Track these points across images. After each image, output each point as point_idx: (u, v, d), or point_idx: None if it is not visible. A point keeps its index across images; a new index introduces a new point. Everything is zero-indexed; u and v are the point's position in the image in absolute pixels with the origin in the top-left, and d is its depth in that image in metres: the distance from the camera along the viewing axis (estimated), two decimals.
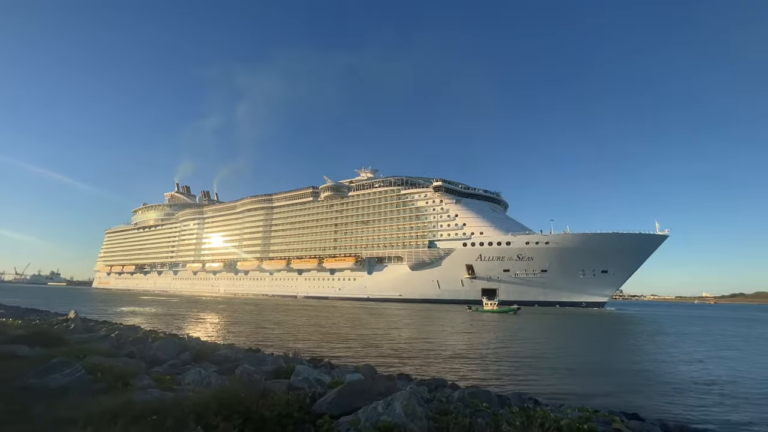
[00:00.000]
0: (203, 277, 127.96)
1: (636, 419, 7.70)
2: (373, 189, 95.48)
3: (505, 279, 75.25)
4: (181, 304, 55.90)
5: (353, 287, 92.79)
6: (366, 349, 18.63)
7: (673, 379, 14.12)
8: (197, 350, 10.40)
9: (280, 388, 5.75)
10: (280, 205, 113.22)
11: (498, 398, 8.01)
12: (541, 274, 72.98)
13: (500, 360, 17.13)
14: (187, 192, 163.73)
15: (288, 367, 7.78)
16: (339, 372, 9.07)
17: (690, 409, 10.42)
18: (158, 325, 26.29)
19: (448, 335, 26.66)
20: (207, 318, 36.10)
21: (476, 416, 5.18)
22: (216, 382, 6.17)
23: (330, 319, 37.52)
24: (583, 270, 71.17)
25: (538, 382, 12.97)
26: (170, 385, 5.90)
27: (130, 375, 6.06)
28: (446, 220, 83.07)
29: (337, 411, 4.85)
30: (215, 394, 4.70)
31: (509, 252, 73.98)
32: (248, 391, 4.89)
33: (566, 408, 7.54)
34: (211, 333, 24.89)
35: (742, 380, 14.37)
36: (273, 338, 22.86)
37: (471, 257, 77.19)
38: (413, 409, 4.49)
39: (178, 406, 4.46)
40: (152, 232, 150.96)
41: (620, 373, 15.21)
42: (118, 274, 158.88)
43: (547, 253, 71.45)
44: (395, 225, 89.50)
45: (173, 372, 7.18)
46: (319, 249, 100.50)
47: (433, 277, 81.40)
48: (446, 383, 10.17)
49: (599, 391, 12.00)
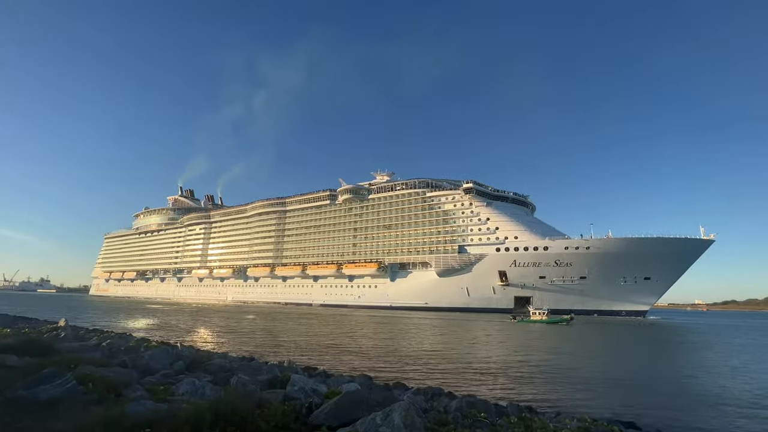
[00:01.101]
0: (210, 284, 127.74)
1: (633, 428, 7.70)
2: (395, 192, 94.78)
3: (541, 286, 73.41)
4: (210, 314, 56.18)
5: (374, 295, 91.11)
6: (412, 368, 18.15)
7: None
8: (191, 359, 10.39)
9: (276, 399, 5.75)
10: (294, 209, 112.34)
11: (495, 407, 7.96)
12: (579, 281, 71.21)
13: (591, 382, 16.08)
14: (190, 196, 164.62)
15: (283, 376, 7.77)
16: (335, 381, 9.07)
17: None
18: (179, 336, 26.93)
19: (501, 350, 25.94)
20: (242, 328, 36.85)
21: (475, 427, 5.17)
22: (211, 393, 6.15)
23: (360, 329, 37.79)
24: (625, 277, 69.19)
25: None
26: (164, 395, 5.87)
27: (123, 385, 6.01)
28: (477, 224, 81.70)
29: (335, 422, 4.86)
30: (210, 405, 4.66)
31: (546, 258, 72.27)
32: (244, 402, 4.84)
33: (564, 417, 7.57)
34: (207, 341, 24.10)
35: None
36: (290, 349, 23.51)
37: (504, 263, 75.51)
38: (412, 420, 4.52)
39: (172, 418, 4.42)
40: (155, 237, 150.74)
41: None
42: (118, 281, 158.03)
43: (588, 258, 69.71)
44: (420, 229, 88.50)
45: (167, 382, 7.15)
46: (337, 254, 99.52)
47: (462, 284, 79.34)
48: (443, 392, 10.15)
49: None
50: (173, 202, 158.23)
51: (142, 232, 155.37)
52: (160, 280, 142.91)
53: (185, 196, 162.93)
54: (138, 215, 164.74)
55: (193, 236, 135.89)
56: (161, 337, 23.55)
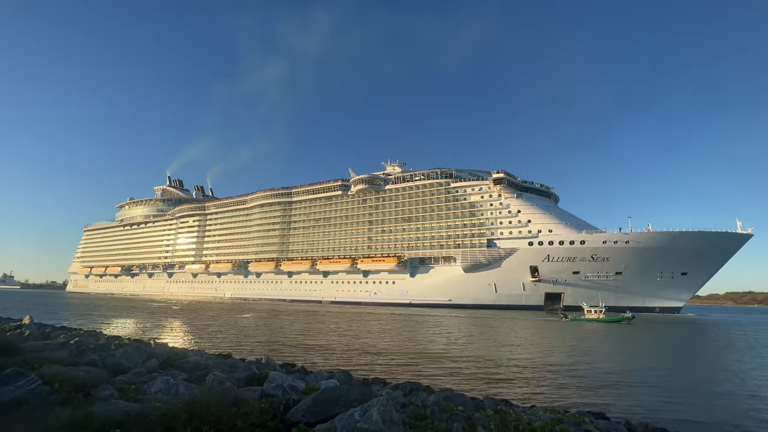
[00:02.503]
0: (205, 280, 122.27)
1: (603, 419, 8.02)
2: (414, 182, 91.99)
3: (574, 282, 72.15)
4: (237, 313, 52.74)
5: (391, 291, 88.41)
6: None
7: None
8: (165, 357, 10.23)
9: (253, 396, 5.72)
10: (301, 200, 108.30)
11: (472, 401, 8.09)
12: (614, 276, 70.10)
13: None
14: (180, 186, 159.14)
15: (261, 373, 7.69)
16: (314, 378, 9.05)
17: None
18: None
19: (580, 355, 23.49)
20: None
21: (452, 420, 5.25)
22: (185, 392, 6.04)
23: (401, 331, 35.30)
24: (662, 272, 68.37)
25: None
26: (135, 395, 5.75)
27: (92, 385, 5.84)
28: (507, 216, 79.14)
29: (313, 419, 4.88)
30: (184, 404, 4.57)
31: (582, 252, 70.67)
32: (219, 401, 4.76)
33: (538, 410, 7.76)
34: (181, 338, 23.41)
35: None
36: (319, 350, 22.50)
37: (537, 258, 73.45)
38: (390, 416, 4.58)
39: (144, 418, 4.32)
40: (142, 230, 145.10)
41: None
42: (99, 277, 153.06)
43: (625, 253, 68.55)
44: (444, 222, 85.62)
45: (139, 381, 7.00)
46: (350, 249, 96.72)
47: (490, 280, 77.06)
48: (421, 387, 10.21)
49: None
50: (162, 193, 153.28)
51: (128, 224, 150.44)
52: (148, 275, 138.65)
53: (174, 186, 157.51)
54: (122, 206, 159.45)
55: (186, 229, 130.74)
56: (136, 335, 22.63)
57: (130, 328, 32.70)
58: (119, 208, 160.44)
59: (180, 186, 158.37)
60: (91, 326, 29.36)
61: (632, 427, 8.31)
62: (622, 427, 7.78)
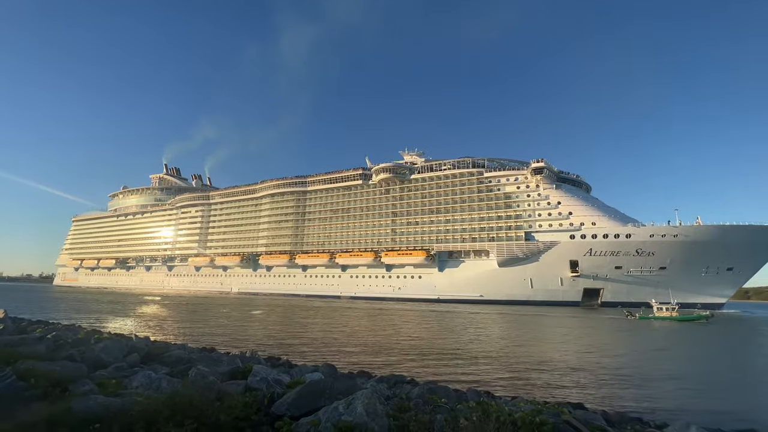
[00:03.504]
0: (209, 273, 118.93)
1: (581, 409, 8.22)
2: (442, 171, 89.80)
3: (615, 277, 70.78)
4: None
5: (417, 286, 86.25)
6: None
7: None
8: (146, 351, 10.19)
9: (237, 390, 5.73)
10: (317, 189, 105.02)
11: (455, 393, 8.20)
12: (658, 271, 68.69)
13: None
14: (177, 174, 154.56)
15: (245, 367, 7.69)
16: (298, 371, 9.09)
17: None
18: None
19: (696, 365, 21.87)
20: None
21: (435, 412, 5.37)
22: (167, 386, 6.02)
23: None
24: (707, 267, 67.17)
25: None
26: (116, 389, 5.71)
27: (70, 380, 5.76)
28: (546, 208, 77.07)
29: (297, 412, 4.93)
30: (166, 398, 4.57)
31: (627, 246, 69.13)
32: (202, 395, 4.73)
33: (519, 401, 7.93)
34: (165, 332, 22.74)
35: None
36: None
37: (578, 252, 71.73)
38: (374, 408, 4.69)
39: (124, 413, 4.29)
40: (138, 220, 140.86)
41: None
42: (91, 270, 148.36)
43: (673, 247, 67.31)
44: (476, 214, 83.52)
45: (119, 376, 6.93)
46: (372, 241, 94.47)
47: (526, 275, 75.20)
48: (405, 379, 10.28)
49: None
50: (159, 181, 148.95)
51: (122, 214, 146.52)
52: (146, 268, 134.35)
53: (172, 174, 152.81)
54: (115, 195, 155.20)
55: (188, 219, 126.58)
56: (118, 329, 22.02)
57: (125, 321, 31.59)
58: (112, 197, 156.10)
59: (177, 174, 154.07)
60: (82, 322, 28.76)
61: (608, 416, 8.60)
62: (599, 416, 8.04)
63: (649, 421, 9.11)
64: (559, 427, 5.53)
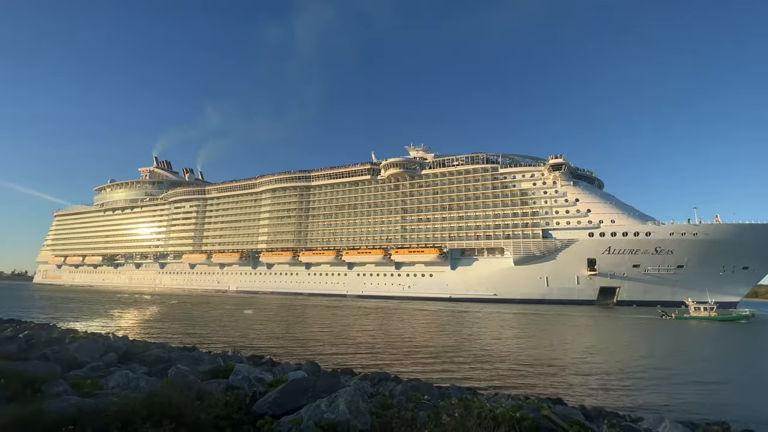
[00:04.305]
0: (204, 271, 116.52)
1: (560, 404, 8.38)
2: (455, 167, 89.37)
3: (632, 276, 71.32)
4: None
5: (429, 285, 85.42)
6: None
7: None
8: (124, 350, 10.10)
9: (218, 389, 5.73)
10: (322, 184, 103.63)
11: (438, 390, 8.26)
12: (675, 270, 69.40)
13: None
14: (168, 168, 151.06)
15: (227, 366, 7.63)
16: (281, 369, 9.11)
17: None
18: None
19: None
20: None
21: (418, 409, 5.42)
22: (145, 386, 5.97)
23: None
24: (724, 266, 67.82)
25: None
26: (91, 390, 5.66)
27: (42, 380, 5.66)
28: (563, 205, 77.07)
29: (279, 410, 4.95)
30: (144, 398, 4.52)
31: (646, 244, 69.49)
32: (182, 394, 4.66)
33: (500, 397, 8.04)
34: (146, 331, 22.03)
35: None
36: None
37: (596, 250, 71.95)
38: (357, 405, 4.77)
39: (99, 413, 4.22)
40: (127, 215, 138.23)
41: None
42: (75, 267, 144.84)
43: (693, 246, 67.94)
44: (491, 210, 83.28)
45: (95, 375, 6.82)
46: (381, 238, 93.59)
47: (542, 273, 75.00)
48: (389, 377, 10.32)
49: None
50: (149, 175, 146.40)
51: (109, 209, 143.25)
52: (135, 265, 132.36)
53: (162, 168, 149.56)
54: (102, 189, 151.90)
55: (182, 214, 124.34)
56: (96, 329, 21.31)
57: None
58: (98, 190, 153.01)
59: (168, 168, 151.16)
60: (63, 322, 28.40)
61: (586, 410, 8.80)
62: (577, 411, 8.21)
63: (625, 415, 9.36)
64: (539, 421, 5.65)
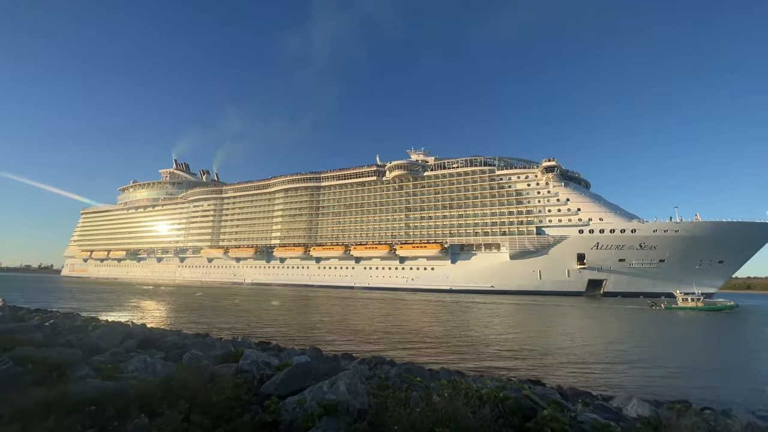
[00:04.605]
0: (221, 265, 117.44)
1: (539, 385, 8.45)
2: (454, 169, 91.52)
3: (617, 269, 73.37)
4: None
5: (430, 277, 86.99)
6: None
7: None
8: (142, 337, 10.00)
9: (229, 372, 5.75)
10: (331, 185, 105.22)
11: (430, 372, 8.31)
12: (657, 264, 71.53)
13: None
14: (186, 169, 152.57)
15: (237, 351, 7.63)
16: (287, 354, 9.10)
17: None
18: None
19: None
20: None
21: (411, 390, 5.42)
22: (162, 369, 5.95)
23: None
24: (701, 260, 70.26)
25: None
26: (112, 373, 5.61)
27: (67, 365, 5.65)
28: (555, 204, 78.93)
29: (285, 392, 4.94)
30: (161, 381, 4.50)
31: (631, 240, 71.80)
32: (196, 377, 4.64)
33: (486, 379, 8.10)
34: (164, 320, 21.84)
35: None
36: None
37: (586, 246, 73.94)
38: (356, 387, 4.78)
39: (120, 395, 4.19)
40: (149, 213, 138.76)
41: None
42: (101, 261, 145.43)
43: (675, 242, 70.07)
44: (488, 209, 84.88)
45: (116, 361, 6.81)
46: (387, 235, 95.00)
47: (536, 267, 76.84)
48: (385, 360, 10.35)
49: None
50: (170, 176, 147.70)
51: (132, 207, 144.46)
52: (157, 260, 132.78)
53: (181, 169, 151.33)
54: (125, 189, 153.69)
55: (201, 212, 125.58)
56: (117, 318, 21.16)
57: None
58: (121, 190, 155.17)
59: (187, 169, 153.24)
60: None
61: (563, 390, 8.91)
62: (555, 391, 8.31)
63: (598, 395, 9.47)
64: (520, 401, 5.70)
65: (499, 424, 4.81)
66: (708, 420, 6.40)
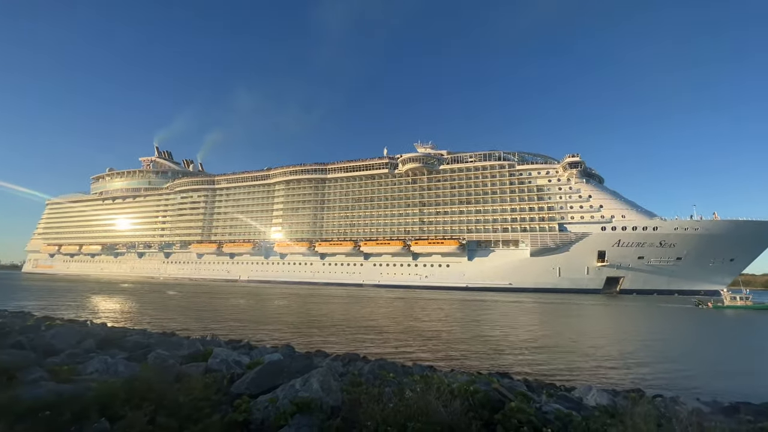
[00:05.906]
0: (213, 261, 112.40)
1: (507, 378, 8.73)
2: (472, 163, 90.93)
3: (636, 267, 74.57)
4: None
5: (446, 274, 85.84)
6: None
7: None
8: (102, 337, 9.69)
9: (197, 372, 5.65)
10: (337, 177, 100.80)
11: (403, 368, 8.41)
12: (674, 261, 72.99)
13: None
14: (169, 158, 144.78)
15: (206, 350, 7.46)
16: (258, 353, 9.00)
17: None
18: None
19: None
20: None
21: (384, 386, 5.50)
22: (125, 370, 5.72)
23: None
24: (714, 258, 71.84)
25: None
26: (69, 376, 5.40)
27: (17, 368, 5.19)
28: (577, 201, 79.37)
29: (256, 390, 4.88)
30: (123, 382, 4.29)
31: (651, 238, 72.76)
32: (161, 377, 4.47)
33: (456, 373, 8.29)
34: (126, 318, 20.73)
35: None
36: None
37: (607, 243, 74.60)
38: (329, 384, 4.80)
39: (77, 398, 3.97)
40: (129, 204, 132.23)
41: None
42: (71, 256, 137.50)
43: (693, 239, 71.38)
44: (508, 205, 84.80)
45: (73, 362, 6.56)
46: (400, 230, 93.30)
47: (555, 264, 77.01)
48: (359, 357, 10.37)
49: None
50: (152, 164, 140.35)
51: (109, 197, 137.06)
52: (138, 255, 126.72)
53: (164, 157, 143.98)
54: (100, 178, 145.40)
55: (189, 204, 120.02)
56: (74, 317, 19.80)
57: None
58: (95, 179, 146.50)
59: (170, 158, 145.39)
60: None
61: (529, 383, 9.28)
62: (521, 383, 8.64)
63: (561, 386, 9.95)
64: (489, 393, 5.90)
65: (469, 417, 4.97)
66: (659, 407, 6.96)
